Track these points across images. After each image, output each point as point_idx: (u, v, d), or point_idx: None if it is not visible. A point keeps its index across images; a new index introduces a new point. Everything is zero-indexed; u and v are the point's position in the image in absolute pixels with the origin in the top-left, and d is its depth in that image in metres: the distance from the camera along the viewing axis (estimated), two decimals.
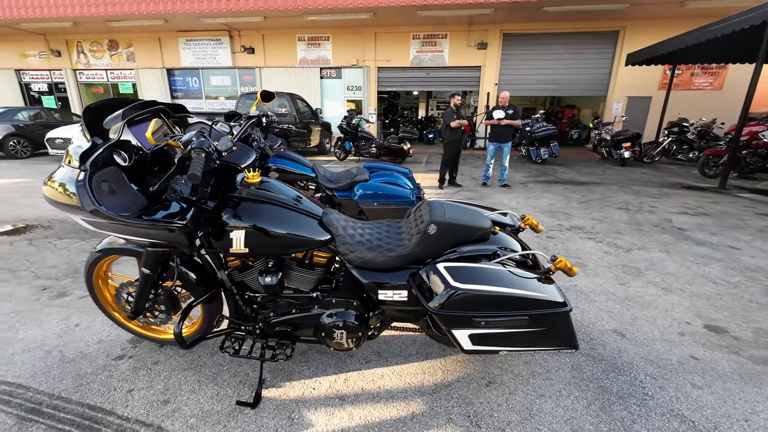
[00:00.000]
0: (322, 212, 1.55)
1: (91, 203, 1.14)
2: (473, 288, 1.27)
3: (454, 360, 1.81)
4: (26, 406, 1.50)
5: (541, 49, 12.69)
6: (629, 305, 2.38)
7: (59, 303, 2.34)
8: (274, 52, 14.06)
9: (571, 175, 7.93)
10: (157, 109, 1.47)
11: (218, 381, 1.65)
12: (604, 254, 3.28)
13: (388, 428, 1.41)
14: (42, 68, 15.16)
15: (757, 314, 2.28)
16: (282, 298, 1.60)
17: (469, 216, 1.51)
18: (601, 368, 1.76)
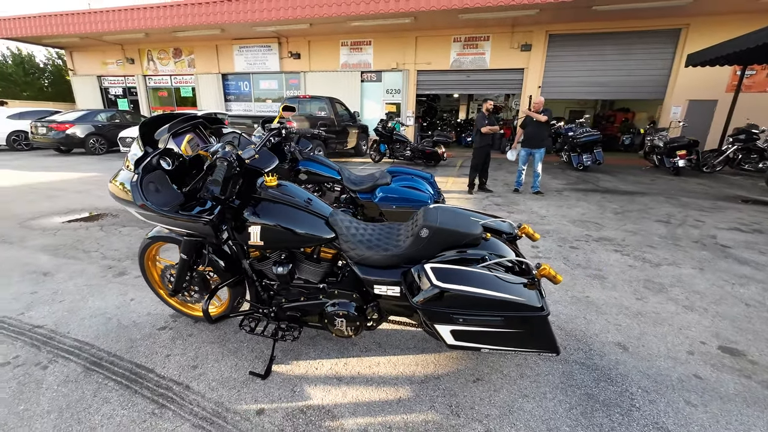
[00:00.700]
0: (329, 213, 1.76)
1: (140, 199, 1.44)
2: (452, 287, 1.40)
3: (448, 356, 1.93)
4: (91, 360, 1.87)
5: (589, 50, 12.09)
6: (641, 320, 2.33)
7: (119, 280, 2.78)
8: (318, 57, 14.71)
9: (614, 184, 7.53)
10: (197, 122, 1.77)
11: (238, 354, 1.92)
12: (628, 268, 3.18)
13: (375, 408, 1.58)
14: (118, 74, 17.10)
15: None
16: (293, 287, 1.83)
17: (460, 222, 1.64)
18: (592, 377, 1.79)
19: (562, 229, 4.28)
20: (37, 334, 2.08)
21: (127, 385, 1.69)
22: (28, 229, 3.96)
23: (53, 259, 3.18)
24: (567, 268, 3.15)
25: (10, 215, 4.46)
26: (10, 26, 15.00)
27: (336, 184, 3.67)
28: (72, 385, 1.69)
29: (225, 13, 12.88)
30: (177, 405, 1.58)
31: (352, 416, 1.53)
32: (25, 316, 2.26)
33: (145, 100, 17.14)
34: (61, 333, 2.09)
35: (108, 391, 1.65)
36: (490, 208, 5.29)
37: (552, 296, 2.63)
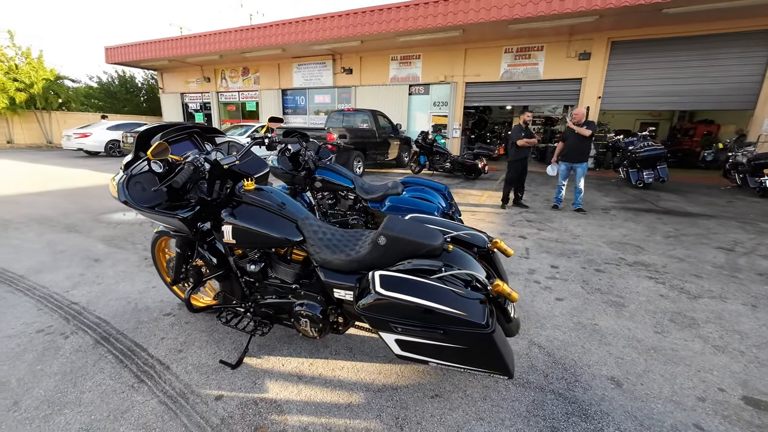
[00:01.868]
0: (301, 217, 1.85)
1: (123, 196, 1.67)
2: (390, 295, 1.39)
3: (414, 369, 1.89)
4: (102, 335, 2.16)
5: (659, 57, 10.98)
6: (651, 356, 2.06)
7: (149, 270, 3.15)
8: (369, 71, 15.28)
9: (678, 204, 6.69)
10: (193, 131, 2.00)
11: (220, 344, 2.08)
12: (658, 297, 2.81)
13: (322, 409, 1.60)
14: (196, 92, 19.39)
15: None
16: (270, 285, 1.95)
17: (419, 232, 1.62)
18: (565, 410, 1.63)
19: (594, 251, 3.91)
20: (71, 309, 2.46)
21: (121, 359, 1.93)
22: (97, 222, 4.66)
23: (107, 248, 3.71)
24: (583, 292, 2.88)
25: (88, 210, 5.29)
26: (117, 53, 17.90)
27: (350, 193, 3.80)
28: (81, 354, 1.97)
29: (286, 34, 14.05)
30: (154, 382, 1.76)
31: (297, 414, 1.58)
32: (69, 294, 2.68)
33: (217, 114, 19.18)
34: (89, 310, 2.45)
35: (105, 362, 1.90)
36: (519, 225, 5.02)
37: (553, 320, 2.43)
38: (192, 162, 1.64)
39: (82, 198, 6.08)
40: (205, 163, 1.71)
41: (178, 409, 1.59)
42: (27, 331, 2.17)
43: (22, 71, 16.52)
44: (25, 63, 16.88)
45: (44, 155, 13.39)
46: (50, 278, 2.94)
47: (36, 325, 2.24)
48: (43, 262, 3.29)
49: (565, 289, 2.93)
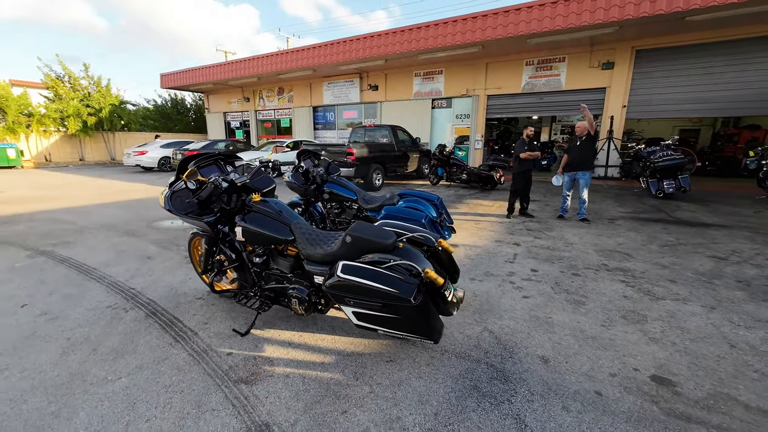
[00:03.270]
0: (293, 221, 2.43)
1: (167, 206, 2.34)
2: (346, 277, 1.91)
3: (379, 342, 2.37)
4: (151, 310, 2.85)
5: (688, 64, 10.73)
6: (588, 343, 2.39)
7: (188, 267, 3.88)
8: (394, 87, 16.02)
9: (695, 215, 6.61)
10: (218, 158, 2.67)
11: (236, 321, 2.70)
12: (621, 298, 3.08)
13: (301, 365, 2.14)
14: (237, 111, 21.17)
15: (747, 383, 1.99)
16: (272, 275, 2.54)
17: (376, 234, 2.13)
18: (489, 376, 2.04)
19: (579, 257, 4.17)
20: (130, 293, 3.20)
21: (164, 327, 2.59)
22: (150, 228, 5.59)
23: (157, 248, 4.54)
24: (551, 292, 3.21)
25: (144, 218, 6.29)
26: (170, 79, 20.11)
27: (353, 203, 4.37)
28: (137, 322, 2.66)
29: (317, 56, 15.19)
30: (185, 342, 2.39)
31: (283, 366, 2.13)
32: (128, 282, 3.45)
33: (255, 131, 20.81)
34: (142, 294, 3.18)
35: (153, 328, 2.57)
36: (517, 233, 5.33)
37: (512, 311, 2.82)
38: (213, 182, 2.29)
39: (139, 208, 7.17)
40: (223, 182, 2.36)
41: (200, 359, 2.19)
42: (100, 306, 2.92)
43: (93, 98, 19.06)
44: (96, 91, 19.45)
45: (108, 170, 15.35)
46: (115, 270, 3.75)
47: (106, 303, 2.99)
48: (109, 258, 4.15)
49: (535, 290, 3.27)
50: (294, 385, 1.96)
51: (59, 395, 1.89)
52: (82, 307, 2.91)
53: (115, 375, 2.05)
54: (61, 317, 2.75)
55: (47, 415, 1.75)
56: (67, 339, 2.44)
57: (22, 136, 17.62)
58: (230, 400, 1.84)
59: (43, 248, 4.53)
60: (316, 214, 4.55)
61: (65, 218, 6.22)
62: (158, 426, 1.69)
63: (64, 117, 18.25)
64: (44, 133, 18.35)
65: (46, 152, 18.88)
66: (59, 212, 6.74)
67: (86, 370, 2.10)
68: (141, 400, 1.85)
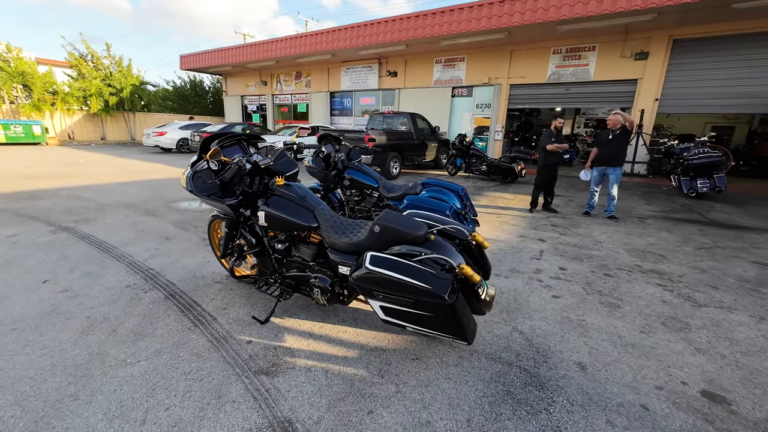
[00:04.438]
0: (317, 207, 2.31)
1: (189, 186, 2.25)
2: (376, 269, 1.79)
3: (403, 338, 2.26)
4: (170, 292, 2.81)
5: (729, 55, 10.07)
6: (627, 351, 2.23)
7: (207, 249, 3.84)
8: (413, 74, 15.64)
9: (731, 216, 6.25)
10: (241, 138, 2.56)
11: (255, 306, 2.62)
12: (659, 303, 2.89)
13: (324, 358, 2.05)
14: (254, 94, 21.10)
15: None
16: (294, 262, 2.44)
17: (407, 224, 1.99)
18: (524, 381, 1.91)
19: (610, 257, 3.96)
20: (149, 273, 3.17)
21: (182, 310, 2.54)
22: (169, 209, 5.59)
23: (176, 229, 4.52)
24: (582, 293, 3.03)
25: (164, 198, 6.31)
26: (189, 61, 20.12)
27: (374, 191, 4.23)
28: (156, 304, 2.62)
29: (336, 40, 14.89)
30: (204, 327, 2.33)
31: (305, 358, 2.04)
32: (147, 262, 3.42)
33: (271, 115, 20.75)
34: (161, 275, 3.14)
35: (172, 311, 2.52)
36: (542, 228, 5.12)
37: (543, 313, 2.66)
38: (237, 163, 2.18)
39: (159, 188, 7.20)
40: (247, 163, 2.25)
41: (220, 346, 2.13)
42: (120, 285, 2.89)
43: (115, 78, 19.25)
44: (118, 71, 19.63)
45: (129, 150, 15.58)
46: (134, 249, 3.74)
47: (125, 282, 2.96)
48: (129, 237, 4.14)
49: (565, 289, 3.10)
50: (317, 380, 1.87)
51: (78, 376, 1.85)
52: (102, 286, 2.89)
53: (135, 358, 2.00)
54: (81, 295, 2.73)
55: (66, 397, 1.71)
56: (87, 318, 2.41)
57: (47, 113, 17.99)
58: (251, 392, 1.77)
59: (66, 224, 4.56)
60: (335, 201, 4.43)
61: (87, 195, 6.28)
62: (177, 415, 1.62)
63: (86, 96, 18.51)
64: (68, 111, 18.69)
65: (69, 130, 19.27)
66: (81, 189, 6.82)
67: (105, 351, 2.05)
68: (160, 387, 1.79)
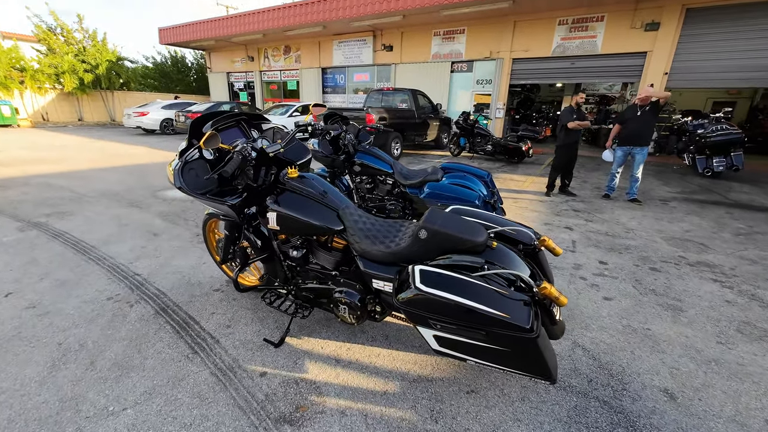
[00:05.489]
0: (342, 206, 1.86)
1: (178, 182, 1.76)
2: (431, 292, 1.37)
3: (449, 362, 1.88)
4: (161, 306, 2.36)
5: (746, 26, 9.56)
6: (712, 369, 1.89)
7: (201, 246, 3.37)
8: (410, 48, 14.79)
9: (753, 197, 5.97)
10: (240, 118, 2.05)
11: (264, 323, 2.20)
12: (724, 303, 2.56)
13: (359, 394, 1.66)
14: (241, 71, 19.93)
15: None
16: (311, 271, 2.00)
17: (462, 228, 1.57)
18: (610, 420, 1.55)
19: (649, 247, 3.61)
20: (135, 280, 2.71)
21: (178, 330, 2.10)
22: (155, 198, 5.04)
23: (163, 223, 4.02)
24: (635, 293, 2.68)
25: (148, 186, 5.73)
26: (169, 34, 18.75)
27: (388, 177, 3.76)
28: (144, 322, 2.18)
29: (327, 11, 13.88)
30: (205, 354, 1.91)
31: (336, 397, 1.64)
32: (132, 265, 2.95)
33: (260, 93, 19.68)
34: (149, 282, 2.68)
35: (164, 332, 2.09)
36: (565, 214, 4.75)
37: (600, 321, 2.30)
38: (240, 151, 1.69)
39: (142, 175, 6.59)
40: (252, 151, 1.76)
41: (227, 381, 1.71)
42: (99, 298, 2.43)
43: (89, 53, 17.85)
44: (92, 45, 18.20)
45: (108, 132, 14.60)
46: (117, 249, 3.25)
47: (106, 293, 2.50)
48: (110, 234, 3.63)
49: (615, 288, 2.75)
50: (356, 430, 1.48)
51: None
52: (78, 299, 2.42)
53: (119, 404, 1.57)
54: (52, 312, 2.26)
55: None
56: (58, 345, 1.96)
57: (16, 92, 16.68)
58: None
59: (37, 219, 4.01)
60: (343, 189, 3.95)
61: (62, 184, 5.67)
62: None
63: (59, 73, 17.17)
64: (39, 90, 17.34)
65: (43, 111, 17.98)
66: (56, 177, 6.18)
67: (81, 395, 1.62)
68: None
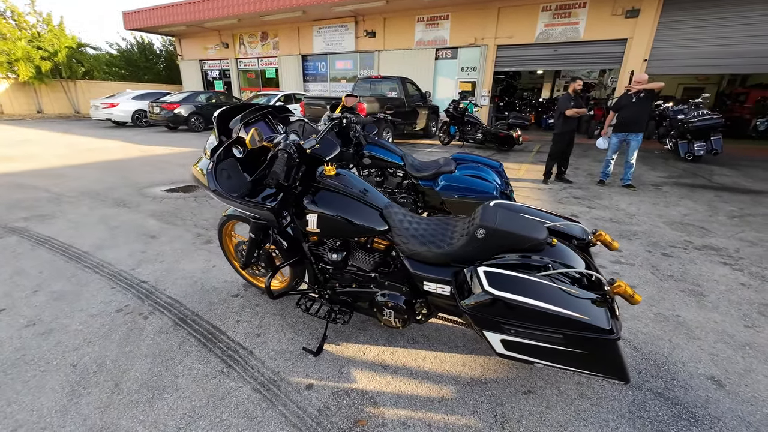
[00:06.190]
0: (384, 205, 1.75)
1: (213, 185, 1.59)
2: (505, 296, 1.30)
3: (498, 361, 1.84)
4: (179, 316, 2.19)
5: (721, 13, 9.87)
6: (748, 353, 1.94)
7: (206, 248, 3.17)
8: (393, 35, 14.47)
9: (735, 180, 6.25)
10: (267, 112, 1.88)
11: (295, 329, 2.08)
12: (739, 287, 2.64)
13: (416, 402, 1.58)
14: (215, 58, 18.97)
15: None
16: (347, 273, 1.89)
17: (522, 224, 1.50)
18: (670, 413, 1.55)
19: (655, 232, 3.70)
20: (142, 288, 2.50)
21: (204, 342, 1.95)
22: (142, 197, 4.72)
23: (158, 223, 3.76)
24: (655, 279, 2.73)
25: (131, 184, 5.36)
26: (134, 18, 17.52)
27: (399, 170, 3.65)
28: (164, 335, 2.01)
29: None
30: (241, 368, 1.77)
31: (393, 407, 1.56)
32: (136, 272, 2.73)
33: (237, 82, 18.84)
34: (159, 289, 2.48)
35: (189, 345, 1.93)
36: (566, 202, 4.80)
37: (631, 309, 2.32)
38: (284, 148, 1.53)
39: (123, 171, 6.16)
40: (295, 149, 1.60)
41: (273, 397, 1.60)
42: (107, 311, 2.23)
43: (45, 39, 16.47)
44: (47, 30, 16.77)
45: (74, 125, 13.61)
46: (114, 255, 3.00)
47: (114, 305, 2.29)
48: (102, 238, 3.36)
49: (635, 276, 2.78)
50: None
51: None
52: (84, 313, 2.21)
53: (159, 431, 1.43)
54: (56, 329, 2.05)
55: None
56: (72, 367, 1.77)
57: None
58: None
59: (14, 224, 3.66)
60: None
61: (35, 183, 5.21)
62: None
63: (11, 61, 15.77)
64: None
65: None
66: (25, 175, 5.68)
67: (113, 423, 1.47)
68: None
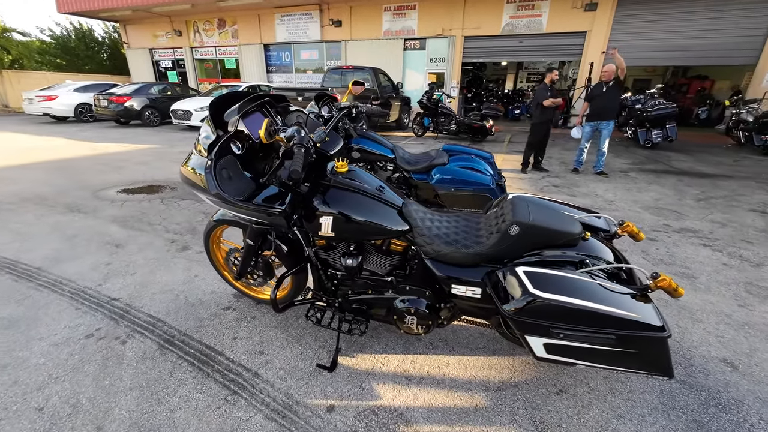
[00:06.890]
0: (402, 203, 1.60)
1: (214, 188, 1.36)
2: (555, 298, 1.21)
3: (523, 361, 1.77)
4: (164, 337, 1.92)
5: (672, 9, 10.51)
6: (749, 333, 2.02)
7: (183, 255, 2.86)
8: (360, 24, 14.12)
9: (691, 165, 6.70)
10: (264, 101, 1.65)
11: (302, 342, 1.89)
12: (723, 266, 2.78)
13: (450, 415, 1.47)
14: (167, 47, 17.58)
15: None
16: (360, 279, 1.73)
17: (556, 219, 1.42)
18: (698, 400, 1.56)
19: (635, 217, 3.84)
20: (114, 306, 2.18)
21: (200, 366, 1.72)
22: (99, 200, 4.21)
23: (122, 230, 3.35)
24: (648, 264, 2.81)
25: (85, 186, 4.78)
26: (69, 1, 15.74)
27: (389, 163, 3.49)
28: (149, 362, 1.74)
29: None
30: (248, 393, 1.57)
31: (426, 422, 1.44)
32: (103, 288, 2.39)
33: (193, 72, 17.60)
34: (135, 307, 2.18)
35: (182, 371, 1.69)
36: (547, 190, 4.89)
37: None
38: (301, 143, 1.32)
39: (71, 172, 5.49)
40: (312, 143, 1.39)
41: (291, 425, 1.41)
42: (75, 336, 1.91)
43: None
44: None
45: (5, 121, 12.05)
46: (74, 269, 2.61)
47: (81, 329, 1.97)
48: (57, 249, 2.92)
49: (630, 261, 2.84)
50: None
51: None
52: (45, 342, 1.87)
53: None
54: (11, 365, 1.72)
55: None
56: (38, 410, 1.47)
57: None
58: None
59: None
60: None
61: None
62: None
63: None
64: None
65: None
66: None
67: None
68: None
